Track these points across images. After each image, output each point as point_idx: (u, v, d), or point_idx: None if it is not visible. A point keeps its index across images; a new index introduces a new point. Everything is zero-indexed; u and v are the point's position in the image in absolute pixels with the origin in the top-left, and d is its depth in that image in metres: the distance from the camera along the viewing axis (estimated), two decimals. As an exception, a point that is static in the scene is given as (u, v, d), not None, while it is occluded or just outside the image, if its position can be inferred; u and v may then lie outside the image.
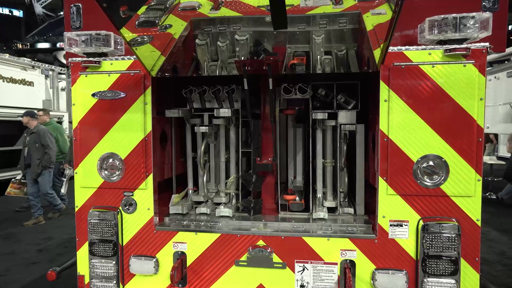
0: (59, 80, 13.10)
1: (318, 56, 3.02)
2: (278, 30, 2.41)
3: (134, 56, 2.64)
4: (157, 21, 2.97)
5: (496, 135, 13.99)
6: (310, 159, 3.02)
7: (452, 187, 2.36)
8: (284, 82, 2.93)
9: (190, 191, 3.23)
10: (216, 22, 3.06)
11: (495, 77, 14.56)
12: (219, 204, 3.10)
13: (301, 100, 3.01)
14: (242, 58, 2.95)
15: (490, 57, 14.14)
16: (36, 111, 8.28)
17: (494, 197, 9.88)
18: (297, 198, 3.02)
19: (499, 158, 12.28)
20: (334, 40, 3.10)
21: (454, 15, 2.22)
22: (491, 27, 2.20)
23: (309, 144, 3.05)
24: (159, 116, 2.87)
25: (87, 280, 2.78)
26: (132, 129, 2.70)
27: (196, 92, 2.93)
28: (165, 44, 2.84)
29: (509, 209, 8.78)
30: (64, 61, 13.84)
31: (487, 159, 10.81)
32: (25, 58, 12.81)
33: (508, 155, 9.52)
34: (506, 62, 14.57)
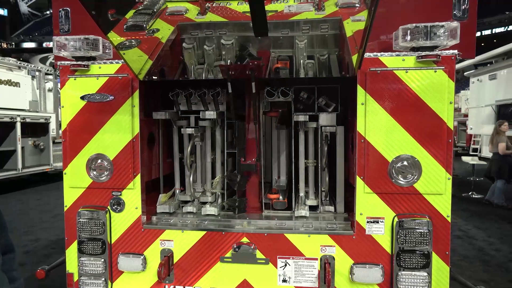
0: (46, 81, 12.97)
1: (301, 61, 3.14)
2: (259, 37, 2.52)
3: (122, 60, 2.72)
4: (145, 25, 3.06)
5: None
6: (293, 159, 3.14)
7: (424, 186, 2.51)
8: (269, 85, 3.05)
9: (177, 191, 3.32)
10: (203, 27, 3.15)
11: (478, 80, 14.93)
12: (205, 203, 3.19)
13: (284, 103, 3.13)
14: (229, 61, 3.05)
15: (474, 60, 14.52)
16: None
17: (476, 196, 10.18)
18: (281, 197, 3.13)
19: (481, 158, 12.65)
20: (317, 45, 3.23)
21: (425, 24, 2.37)
22: (459, 36, 2.36)
23: (292, 145, 3.17)
24: (147, 118, 2.95)
25: (76, 278, 2.85)
26: (120, 130, 2.78)
27: (182, 95, 3.02)
28: (153, 48, 2.92)
29: (489, 208, 9.07)
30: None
31: (469, 159, 11.13)
32: (10, 58, 12.67)
33: (490, 155, 9.81)
34: (488, 65, 14.94)
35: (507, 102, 12.59)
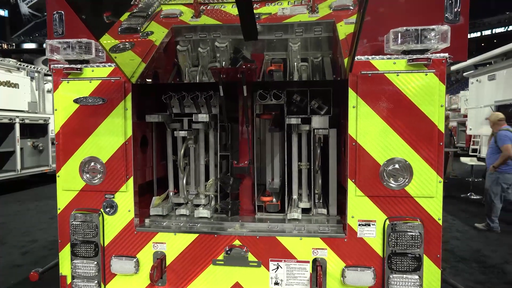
0: (45, 82, 12.97)
1: (295, 63, 3.14)
2: (248, 40, 2.52)
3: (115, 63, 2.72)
4: (139, 28, 3.06)
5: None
6: (286, 162, 3.15)
7: (415, 189, 2.51)
8: (262, 88, 3.05)
9: (171, 193, 3.32)
10: (197, 30, 3.15)
11: (477, 80, 14.91)
12: (198, 205, 3.20)
13: (277, 106, 3.13)
14: (223, 64, 3.06)
15: (473, 60, 14.50)
16: None
17: (475, 197, 10.16)
18: (274, 199, 3.13)
19: (480, 159, 12.63)
20: (310, 47, 3.23)
21: (415, 27, 2.37)
22: (450, 39, 2.36)
23: (285, 148, 3.17)
24: (140, 121, 2.96)
25: (69, 281, 2.86)
26: (113, 133, 2.78)
27: (175, 97, 3.02)
28: (146, 51, 2.93)
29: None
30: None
31: (467, 160, 11.12)
32: (10, 59, 12.67)
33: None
34: (487, 65, 14.92)
35: (506, 102, 12.57)
